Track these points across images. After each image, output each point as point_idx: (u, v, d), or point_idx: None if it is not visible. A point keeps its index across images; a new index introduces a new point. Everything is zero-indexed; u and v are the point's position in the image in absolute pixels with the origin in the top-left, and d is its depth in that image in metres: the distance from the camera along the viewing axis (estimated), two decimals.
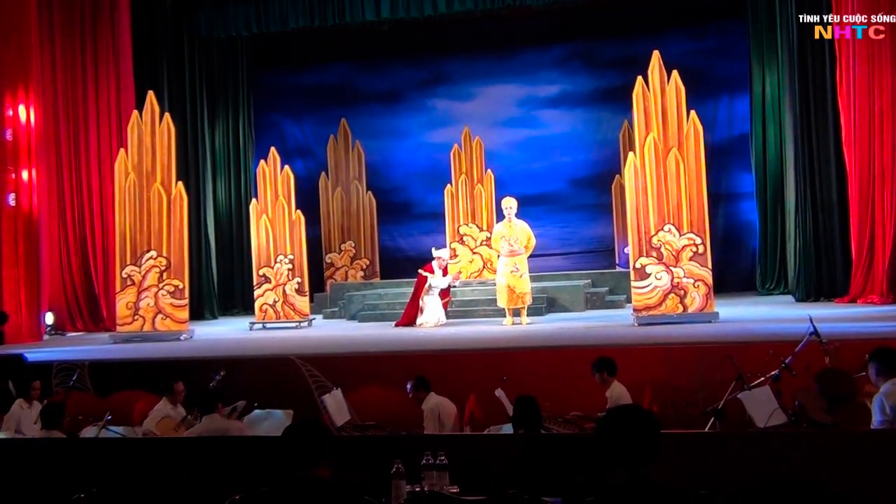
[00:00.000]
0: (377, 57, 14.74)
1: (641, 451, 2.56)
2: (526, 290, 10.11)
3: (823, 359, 5.95)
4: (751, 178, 12.85)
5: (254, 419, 6.44)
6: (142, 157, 10.61)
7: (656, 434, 2.61)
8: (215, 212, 13.95)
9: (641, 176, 9.32)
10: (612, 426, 2.63)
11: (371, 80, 14.92)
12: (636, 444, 2.56)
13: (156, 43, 13.14)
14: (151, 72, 12.95)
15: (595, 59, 14.19)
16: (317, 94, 14.96)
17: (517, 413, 5.05)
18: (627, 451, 2.56)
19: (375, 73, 14.91)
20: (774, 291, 12.23)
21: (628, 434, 2.58)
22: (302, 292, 11.46)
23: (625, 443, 2.56)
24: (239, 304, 13.96)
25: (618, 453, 2.56)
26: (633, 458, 2.55)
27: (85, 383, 7.99)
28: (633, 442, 2.56)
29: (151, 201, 10.55)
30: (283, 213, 11.50)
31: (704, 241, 9.20)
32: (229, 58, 14.24)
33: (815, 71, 10.95)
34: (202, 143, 13.71)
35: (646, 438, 2.58)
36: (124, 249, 10.54)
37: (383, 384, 7.35)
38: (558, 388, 6.75)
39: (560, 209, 14.24)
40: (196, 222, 13.15)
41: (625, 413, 2.70)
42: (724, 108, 13.49)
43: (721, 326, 8.86)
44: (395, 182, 14.82)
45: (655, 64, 9.42)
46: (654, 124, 9.31)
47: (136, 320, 10.45)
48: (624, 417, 2.65)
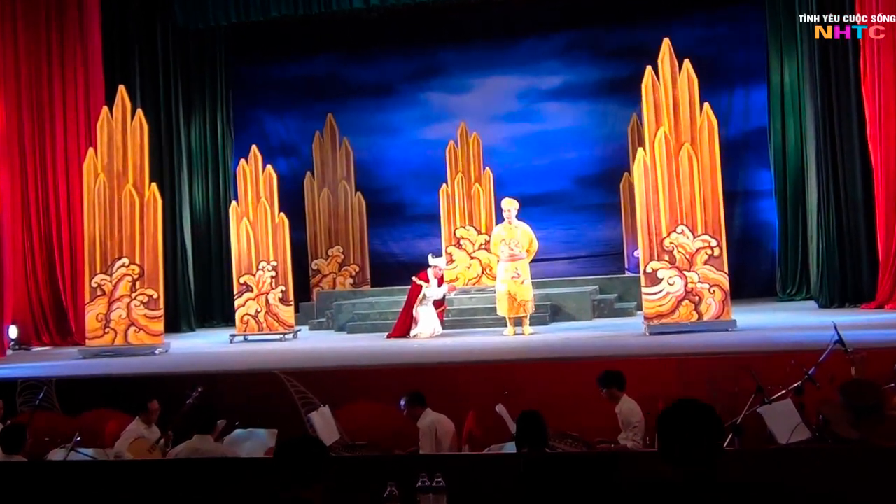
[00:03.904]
0: (366, 47, 14.75)
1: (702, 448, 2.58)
2: (528, 297, 10.12)
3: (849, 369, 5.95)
4: (769, 174, 12.88)
5: (235, 439, 6.42)
6: (112, 156, 10.59)
7: (719, 430, 2.64)
8: (192, 215, 13.94)
9: (652, 173, 9.33)
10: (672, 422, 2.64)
11: (359, 72, 14.93)
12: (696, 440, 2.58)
13: (127, 34, 13.14)
14: (122, 65, 12.95)
15: (601, 47, 14.22)
16: (301, 88, 14.96)
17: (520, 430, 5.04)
18: (687, 448, 2.57)
19: (364, 65, 14.92)
20: (796, 297, 12.25)
21: (688, 430, 2.60)
22: (286, 302, 11.45)
23: (684, 439, 2.59)
24: (218, 315, 13.95)
25: (677, 451, 2.58)
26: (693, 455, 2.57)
27: (52, 402, 7.95)
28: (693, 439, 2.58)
29: (123, 204, 10.53)
30: (266, 216, 11.50)
31: (720, 243, 9.22)
32: (207, 49, 14.24)
33: (838, 59, 10.98)
34: (177, 141, 13.70)
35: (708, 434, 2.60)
36: (94, 257, 10.52)
37: (375, 400, 7.34)
38: (564, 404, 6.74)
39: (564, 210, 14.25)
40: (171, 227, 13.14)
41: (684, 408, 2.72)
42: (740, 100, 13.53)
43: (739, 335, 8.86)
44: (387, 182, 14.82)
45: (666, 52, 9.45)
46: (665, 118, 9.34)
47: (107, 333, 10.43)
48: (683, 412, 2.67)
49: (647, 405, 6.32)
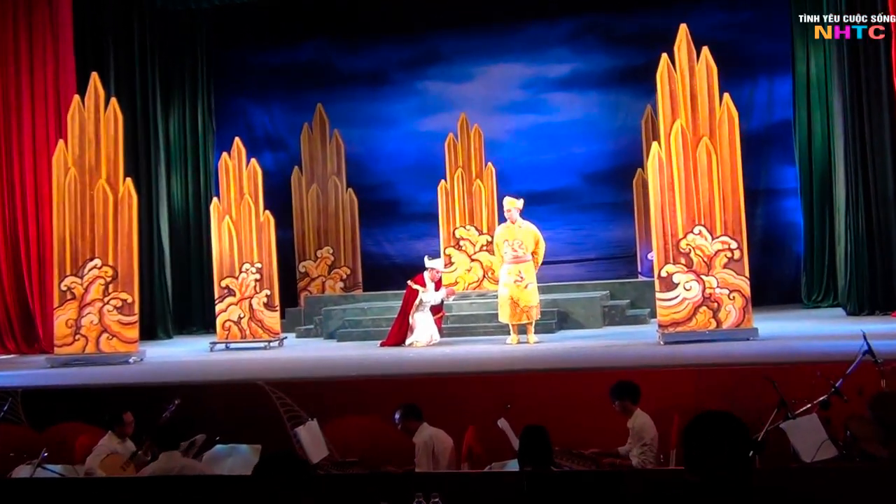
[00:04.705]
0: (359, 32, 14.76)
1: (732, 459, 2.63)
2: (532, 302, 10.13)
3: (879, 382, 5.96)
4: (794, 171, 12.90)
5: (216, 456, 6.43)
6: (84, 149, 10.59)
7: (748, 440, 2.71)
8: (170, 213, 13.94)
9: (667, 169, 9.34)
10: (699, 432, 2.70)
11: (352, 59, 14.94)
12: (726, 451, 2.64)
13: (101, 17, 13.12)
14: (95, 50, 12.94)
15: (613, 33, 14.22)
16: (288, 76, 14.96)
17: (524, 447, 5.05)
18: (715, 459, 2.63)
19: (357, 51, 14.93)
20: (822, 303, 12.27)
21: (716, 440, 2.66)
22: (271, 307, 11.45)
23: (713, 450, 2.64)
24: (198, 321, 13.95)
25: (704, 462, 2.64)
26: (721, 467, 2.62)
27: (18, 415, 7.96)
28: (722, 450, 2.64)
29: (95, 201, 10.53)
30: (250, 214, 11.50)
31: (741, 245, 9.22)
32: (186, 34, 14.24)
33: (868, 48, 10.99)
34: (155, 132, 13.69)
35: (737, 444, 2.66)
36: (63, 257, 10.51)
37: (367, 414, 7.35)
38: (570, 419, 6.76)
39: (572, 208, 14.26)
40: (148, 225, 13.14)
41: (712, 419, 2.76)
42: (763, 91, 13.54)
43: (760, 345, 8.87)
44: (381, 177, 14.83)
45: (683, 39, 9.45)
46: (682, 109, 9.35)
47: (78, 340, 10.42)
48: (709, 424, 2.72)
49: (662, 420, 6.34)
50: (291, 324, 12.82)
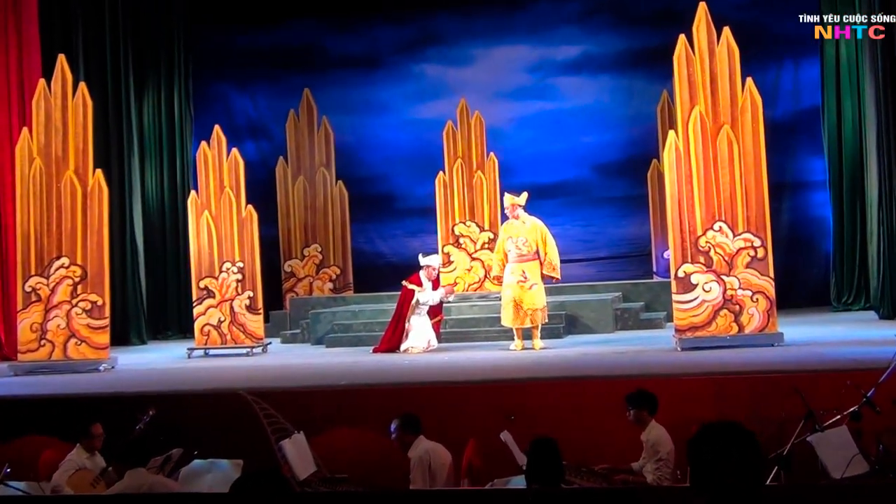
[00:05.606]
0: (350, 12, 14.77)
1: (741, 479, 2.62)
2: (538, 305, 10.13)
3: None
4: (822, 162, 12.92)
5: (193, 471, 6.43)
6: (50, 138, 10.59)
7: (760, 458, 2.69)
8: (144, 208, 13.95)
9: (685, 160, 9.35)
10: (705, 447, 2.69)
11: (342, 41, 14.95)
12: (733, 470, 2.63)
13: None
14: (63, 30, 12.93)
15: (626, 12, 14.25)
16: (273, 59, 14.97)
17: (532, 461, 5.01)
18: (723, 479, 2.62)
19: (348, 32, 14.94)
20: (853, 306, 12.29)
21: (724, 457, 2.65)
22: (254, 310, 11.45)
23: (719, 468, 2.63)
24: (174, 325, 13.97)
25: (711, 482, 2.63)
26: (730, 488, 2.61)
27: None
28: (729, 468, 2.63)
29: (63, 194, 10.53)
30: (231, 209, 11.50)
31: (765, 242, 9.24)
32: (162, 13, 14.24)
33: None
34: (127, 120, 13.70)
35: (747, 463, 2.65)
36: (28, 256, 10.51)
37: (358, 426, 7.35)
38: (579, 432, 6.77)
39: (582, 203, 14.29)
40: (120, 221, 13.15)
41: (718, 431, 2.75)
42: (789, 76, 13.58)
43: (786, 351, 8.89)
44: (373, 169, 14.84)
45: (702, 19, 9.46)
46: (701, 95, 9.35)
47: (43, 346, 10.42)
48: (718, 436, 2.72)
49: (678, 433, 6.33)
50: (276, 328, 12.83)
